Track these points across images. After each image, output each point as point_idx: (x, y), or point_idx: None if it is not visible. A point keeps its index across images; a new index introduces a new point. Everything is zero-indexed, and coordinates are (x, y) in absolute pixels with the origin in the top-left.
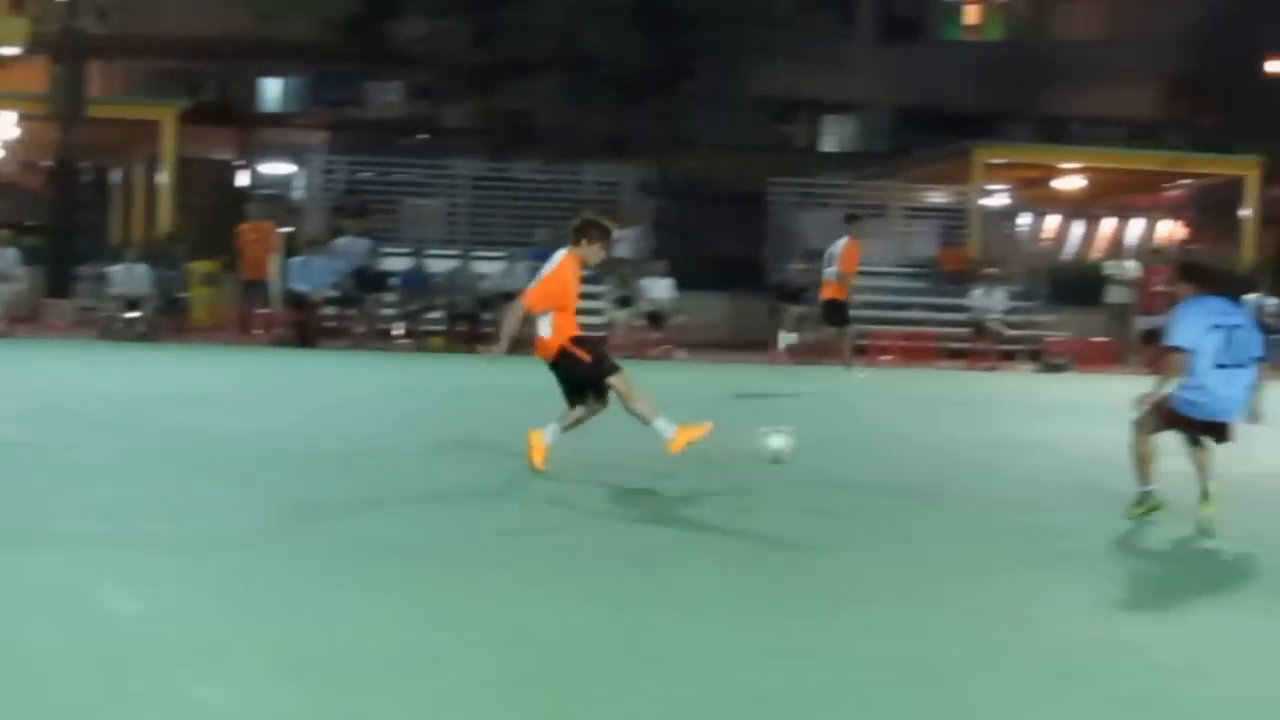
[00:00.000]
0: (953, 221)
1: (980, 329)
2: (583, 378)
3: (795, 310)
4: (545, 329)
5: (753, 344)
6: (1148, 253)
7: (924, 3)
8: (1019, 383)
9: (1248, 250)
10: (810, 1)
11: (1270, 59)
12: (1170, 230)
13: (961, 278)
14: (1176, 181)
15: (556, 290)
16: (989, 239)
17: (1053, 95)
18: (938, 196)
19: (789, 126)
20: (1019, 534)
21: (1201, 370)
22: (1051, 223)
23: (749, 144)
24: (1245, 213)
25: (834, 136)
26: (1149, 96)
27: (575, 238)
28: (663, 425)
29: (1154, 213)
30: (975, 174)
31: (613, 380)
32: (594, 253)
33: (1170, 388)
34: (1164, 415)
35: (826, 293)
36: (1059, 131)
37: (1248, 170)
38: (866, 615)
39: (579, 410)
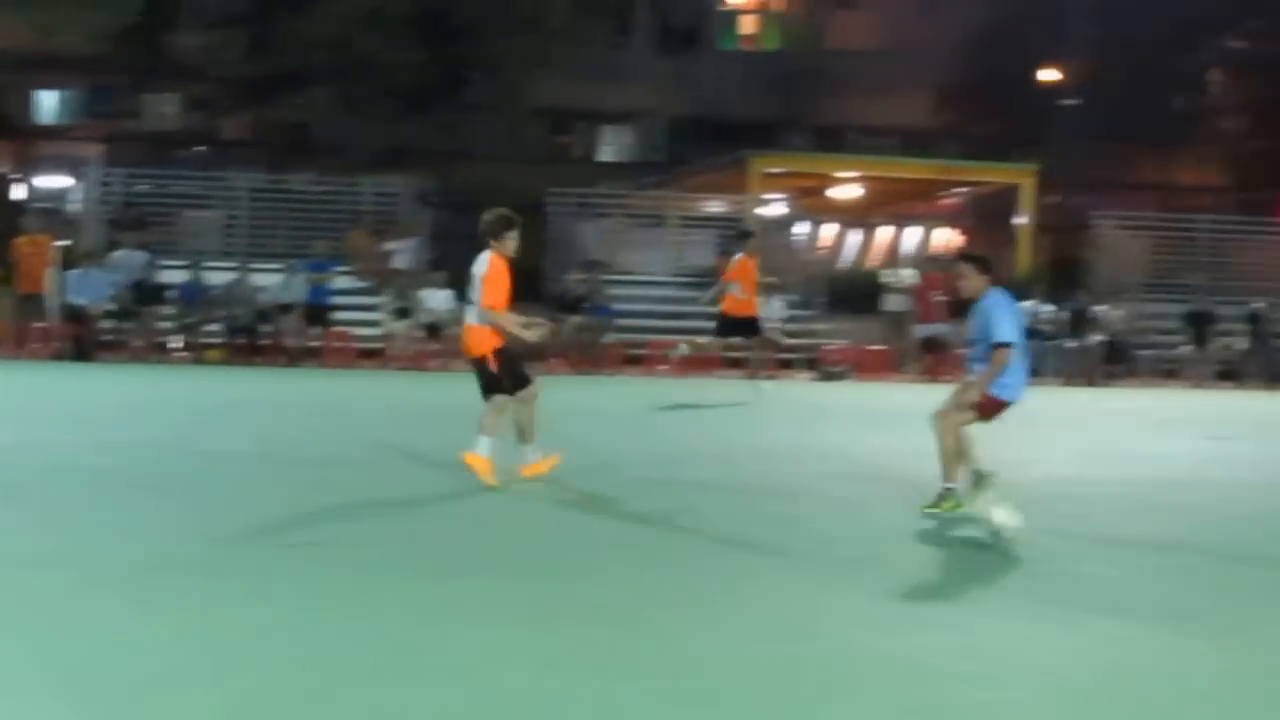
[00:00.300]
0: (730, 231)
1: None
2: (483, 384)
3: (573, 320)
4: (474, 320)
5: (530, 354)
6: (924, 261)
7: (701, 13)
8: (797, 391)
9: (1023, 257)
10: (586, 12)
11: (1043, 68)
12: (947, 238)
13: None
14: (953, 189)
15: (504, 283)
16: (766, 248)
17: (830, 104)
18: (715, 206)
19: (567, 137)
20: (796, 542)
21: (1016, 359)
22: (829, 231)
23: (527, 154)
24: (1020, 220)
25: (612, 146)
26: (925, 105)
27: (491, 236)
28: (485, 443)
29: (931, 221)
30: (752, 183)
31: (498, 398)
32: (511, 245)
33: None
34: (986, 408)
35: (730, 310)
36: (836, 140)
37: (1022, 178)
38: (643, 625)
39: (510, 410)
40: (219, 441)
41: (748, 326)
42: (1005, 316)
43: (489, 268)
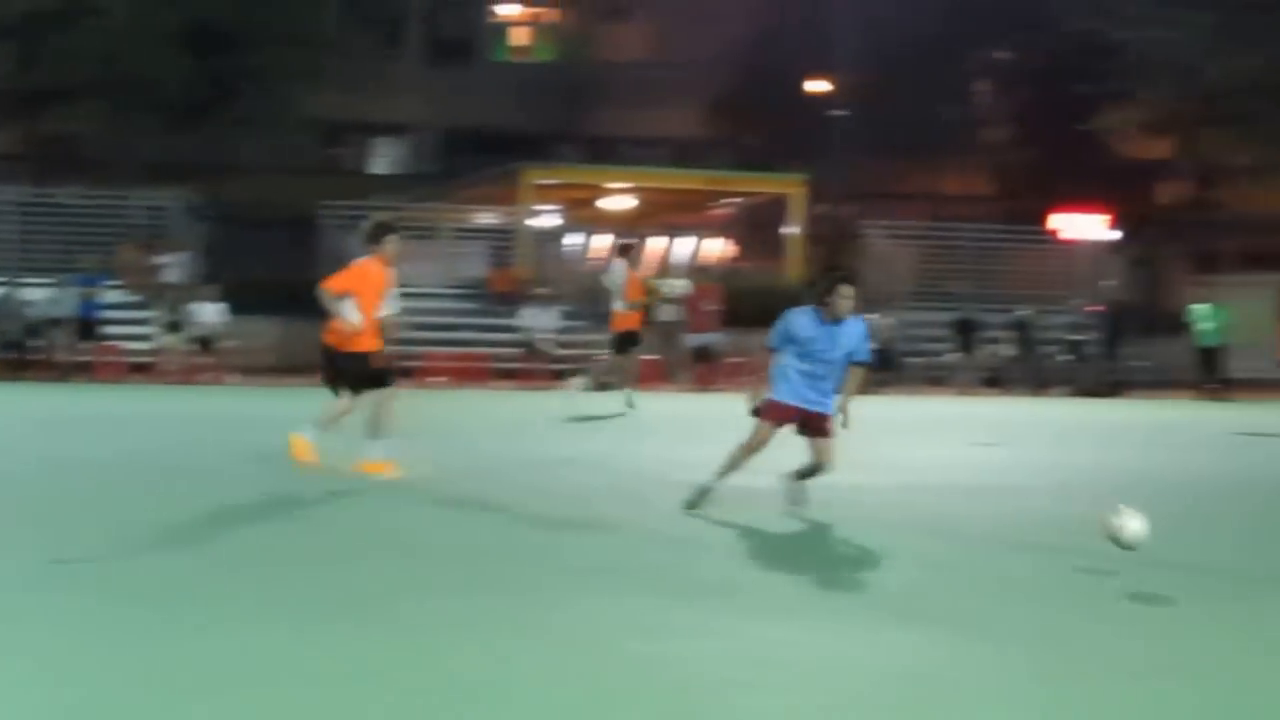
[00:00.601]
0: (502, 242)
1: (531, 349)
2: (367, 373)
3: None
4: (356, 317)
5: (305, 368)
6: (696, 271)
7: (472, 25)
8: (566, 401)
9: (794, 267)
10: (356, 24)
11: (813, 79)
12: (719, 248)
13: (512, 298)
14: (724, 200)
15: (352, 277)
16: (539, 259)
17: (602, 116)
18: (487, 218)
19: (339, 149)
20: (567, 550)
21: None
22: (601, 242)
23: (298, 167)
24: (791, 230)
25: (384, 159)
26: (697, 116)
27: (370, 242)
28: (377, 449)
29: (703, 231)
30: (524, 195)
31: (388, 390)
32: (390, 249)
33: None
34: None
35: (618, 324)
36: (608, 152)
37: (792, 188)
38: (402, 634)
39: (344, 403)
40: (10, 455)
41: (633, 340)
42: (867, 339)
43: (354, 264)
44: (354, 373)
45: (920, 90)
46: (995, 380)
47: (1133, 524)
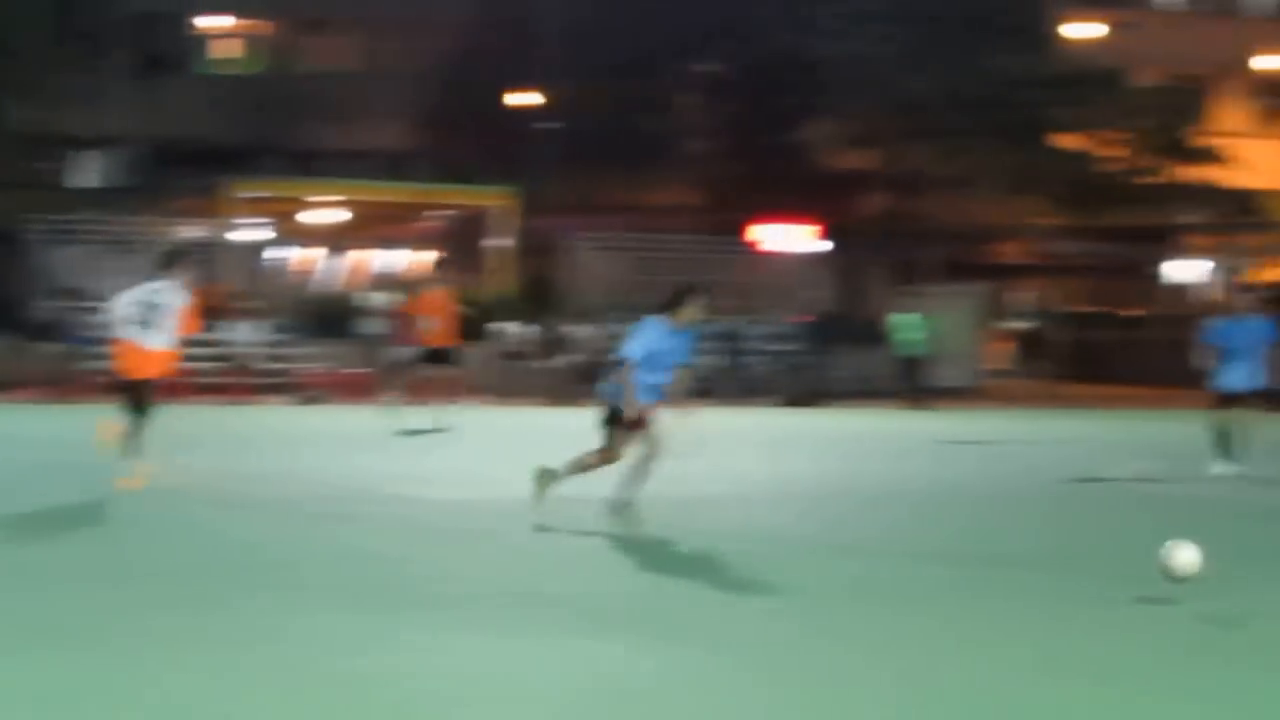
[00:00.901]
0: (206, 256)
1: (236, 363)
2: (139, 404)
3: (48, 349)
4: (157, 344)
5: (14, 383)
6: (403, 283)
7: (178, 37)
8: (274, 416)
9: (502, 279)
10: (59, 36)
11: (522, 91)
12: (427, 260)
13: (215, 312)
14: (432, 213)
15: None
16: (243, 273)
17: (308, 128)
18: (192, 231)
19: (41, 162)
20: (268, 567)
21: None
22: (307, 255)
23: (1, 180)
24: (497, 242)
25: (88, 172)
26: (405, 129)
27: (168, 267)
28: (129, 466)
29: (411, 243)
30: (229, 208)
31: (141, 418)
32: (185, 274)
33: None
34: None
35: (425, 340)
36: (314, 164)
37: (500, 201)
38: (115, 656)
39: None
40: None
41: (443, 356)
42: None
43: (188, 298)
44: (135, 398)
45: (628, 102)
46: (703, 390)
47: (1180, 554)
